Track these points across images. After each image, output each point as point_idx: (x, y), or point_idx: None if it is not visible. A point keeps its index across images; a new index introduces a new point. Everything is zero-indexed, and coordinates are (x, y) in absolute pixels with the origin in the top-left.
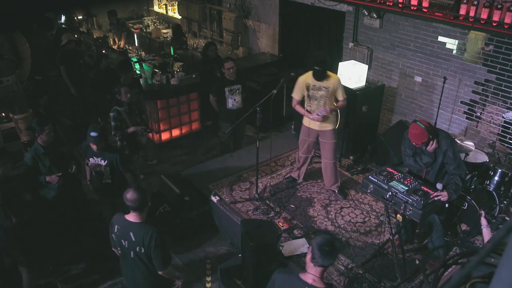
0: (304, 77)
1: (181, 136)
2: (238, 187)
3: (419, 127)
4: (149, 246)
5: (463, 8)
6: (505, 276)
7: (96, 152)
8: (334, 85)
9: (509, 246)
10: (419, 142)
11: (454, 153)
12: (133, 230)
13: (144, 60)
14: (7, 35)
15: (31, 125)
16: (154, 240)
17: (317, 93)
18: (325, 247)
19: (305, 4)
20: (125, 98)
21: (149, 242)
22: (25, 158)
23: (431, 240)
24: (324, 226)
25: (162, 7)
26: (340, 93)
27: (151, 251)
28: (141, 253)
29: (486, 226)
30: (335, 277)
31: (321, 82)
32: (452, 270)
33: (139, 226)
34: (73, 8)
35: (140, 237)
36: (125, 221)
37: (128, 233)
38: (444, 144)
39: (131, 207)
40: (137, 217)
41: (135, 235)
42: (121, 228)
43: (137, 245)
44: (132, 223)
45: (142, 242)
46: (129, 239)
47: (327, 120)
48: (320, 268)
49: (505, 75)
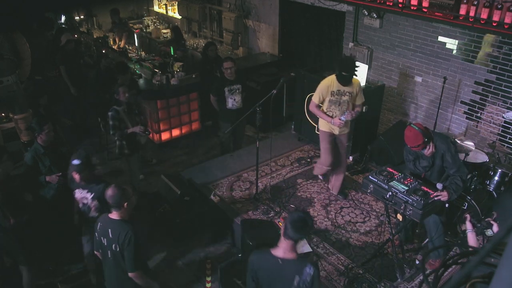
0: (327, 82)
1: (181, 136)
2: (238, 187)
3: (414, 130)
4: (123, 244)
5: (463, 8)
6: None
7: (82, 183)
8: (356, 90)
9: (509, 246)
10: (413, 144)
11: (452, 156)
12: (111, 226)
13: (144, 60)
14: (7, 35)
15: (30, 125)
16: (128, 238)
17: (340, 98)
18: (297, 222)
19: (305, 4)
20: (123, 98)
21: (123, 240)
22: (25, 158)
23: (431, 240)
24: (324, 226)
25: (162, 7)
26: (361, 96)
27: (124, 249)
28: (117, 251)
29: (471, 231)
30: (335, 277)
31: (345, 87)
32: (452, 270)
33: (118, 223)
34: (74, 8)
35: (116, 234)
36: (106, 218)
37: (107, 230)
38: (441, 147)
39: (110, 204)
40: (116, 214)
41: (112, 231)
42: (102, 225)
43: (113, 242)
44: (111, 220)
45: (117, 239)
46: (107, 236)
47: (347, 124)
48: (290, 241)
49: (505, 75)
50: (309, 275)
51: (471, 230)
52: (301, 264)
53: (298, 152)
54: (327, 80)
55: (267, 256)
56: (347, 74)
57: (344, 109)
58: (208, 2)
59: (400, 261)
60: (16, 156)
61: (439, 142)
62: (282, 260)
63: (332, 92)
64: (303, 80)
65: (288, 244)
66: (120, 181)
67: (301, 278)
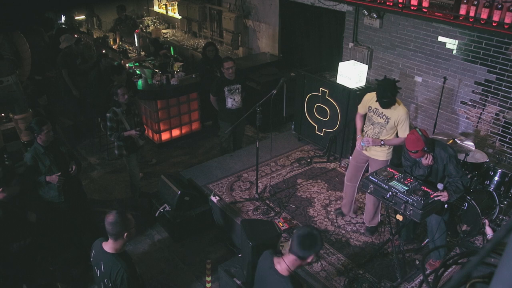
0: (370, 96)
1: (181, 136)
2: (238, 187)
3: (417, 134)
4: (115, 282)
5: (463, 8)
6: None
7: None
8: (397, 118)
9: (509, 246)
10: (412, 149)
11: (455, 167)
12: (104, 260)
13: (144, 60)
14: (7, 35)
15: (30, 125)
16: (120, 277)
17: (375, 119)
18: (305, 239)
19: (305, 4)
20: (122, 99)
21: (115, 278)
22: (25, 158)
23: (433, 240)
24: (324, 226)
25: (162, 7)
26: (402, 128)
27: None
28: (108, 286)
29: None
30: (335, 277)
31: (384, 109)
32: (452, 270)
33: (110, 258)
34: (74, 8)
35: (108, 270)
36: (100, 248)
37: (100, 262)
38: (443, 156)
39: (107, 232)
40: (111, 246)
41: (105, 265)
42: (96, 254)
43: (105, 277)
44: (104, 252)
45: (109, 276)
46: (100, 268)
47: (376, 149)
48: (293, 256)
49: (505, 75)
50: None
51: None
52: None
53: (298, 152)
54: (371, 94)
55: (268, 258)
56: (386, 100)
57: (376, 131)
58: (208, 2)
59: (400, 261)
60: (16, 156)
61: (442, 152)
62: (273, 269)
63: (370, 108)
64: (303, 80)
65: (289, 260)
66: (120, 181)
67: None
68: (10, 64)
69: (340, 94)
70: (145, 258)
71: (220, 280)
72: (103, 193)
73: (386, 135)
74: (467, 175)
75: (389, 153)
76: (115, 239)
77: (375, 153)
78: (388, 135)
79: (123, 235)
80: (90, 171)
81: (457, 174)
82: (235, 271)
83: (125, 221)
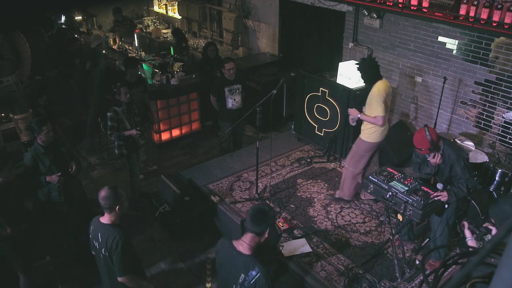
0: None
1: (181, 136)
2: (238, 187)
3: (423, 133)
4: (111, 249)
5: (463, 8)
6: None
7: None
8: (370, 96)
9: (509, 246)
10: (417, 146)
11: (461, 169)
12: (101, 231)
13: (144, 60)
14: (7, 35)
15: (29, 125)
16: (116, 243)
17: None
18: (256, 214)
19: (305, 4)
20: (124, 98)
21: (111, 245)
22: (25, 158)
23: (434, 240)
24: (324, 226)
25: (162, 7)
26: (372, 108)
27: (112, 254)
28: (106, 256)
29: (471, 239)
30: (335, 277)
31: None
32: (452, 270)
33: (107, 227)
34: (73, 8)
35: (105, 239)
36: (97, 222)
37: (98, 233)
38: (451, 157)
39: (102, 206)
40: (107, 218)
41: (102, 236)
42: (94, 228)
43: (103, 246)
44: (101, 224)
45: (105, 244)
46: (98, 240)
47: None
48: (250, 234)
49: (505, 75)
50: (253, 278)
51: (470, 238)
52: (250, 264)
53: (298, 152)
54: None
55: (227, 245)
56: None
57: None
58: (208, 2)
59: (400, 261)
60: (16, 156)
61: (450, 152)
62: (236, 252)
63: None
64: (303, 80)
65: (248, 238)
66: (120, 181)
67: (245, 278)
68: (10, 64)
69: (340, 94)
70: (145, 258)
71: None
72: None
73: (366, 112)
74: (474, 178)
75: (370, 135)
76: (109, 212)
77: (361, 132)
78: (368, 113)
79: (115, 207)
80: (90, 171)
81: (462, 176)
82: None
83: (116, 194)
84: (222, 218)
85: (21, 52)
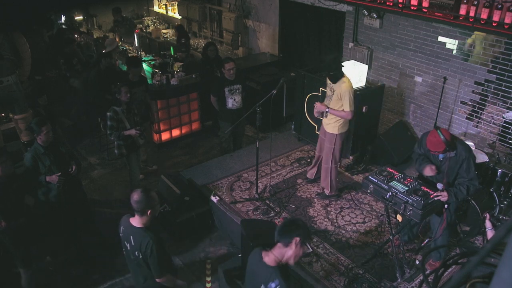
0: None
1: (181, 136)
2: (238, 187)
3: (438, 137)
4: (145, 253)
5: (463, 8)
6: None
7: None
8: (339, 92)
9: (509, 246)
10: (434, 150)
11: (469, 166)
12: (133, 234)
13: (144, 60)
14: (7, 35)
15: (29, 125)
16: (150, 248)
17: (327, 91)
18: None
19: (305, 4)
20: (125, 98)
21: (145, 249)
22: (25, 158)
23: (434, 240)
24: (324, 226)
25: (162, 7)
26: (344, 102)
27: (147, 258)
28: (139, 258)
29: (491, 229)
30: (335, 277)
31: (333, 84)
32: (452, 270)
33: (139, 231)
34: (74, 8)
35: (138, 243)
36: (128, 224)
37: (129, 236)
38: (462, 154)
39: (133, 209)
40: (138, 221)
41: (134, 240)
42: (125, 230)
43: (136, 249)
44: (133, 227)
45: (139, 248)
46: (130, 242)
47: (327, 120)
48: (277, 244)
49: (505, 75)
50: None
51: (490, 228)
52: (271, 276)
53: (298, 152)
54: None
55: (258, 252)
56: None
57: (327, 102)
58: (208, 2)
59: (400, 261)
60: (16, 156)
61: (462, 150)
62: (262, 262)
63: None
64: (303, 80)
65: (276, 249)
66: (120, 181)
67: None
68: (10, 64)
69: None
70: None
71: (220, 280)
72: (103, 193)
73: (332, 106)
74: (477, 181)
75: (338, 127)
76: (140, 215)
77: (326, 126)
78: (335, 107)
79: (147, 212)
80: (90, 171)
81: (466, 176)
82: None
83: (149, 198)
84: (222, 218)
85: (21, 52)
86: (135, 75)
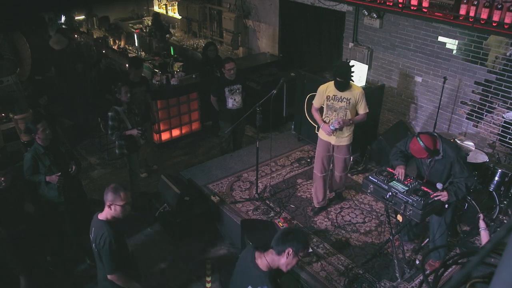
0: (324, 87)
1: (181, 136)
2: (238, 187)
3: (418, 144)
4: (99, 246)
5: (463, 8)
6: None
7: None
8: (356, 97)
9: (509, 246)
10: (418, 156)
11: (461, 167)
12: (94, 226)
13: (144, 60)
14: (7, 35)
15: (26, 126)
16: (104, 240)
17: (337, 104)
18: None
19: (305, 4)
20: (125, 98)
21: (99, 241)
22: (25, 158)
23: (433, 240)
24: (324, 226)
25: (162, 7)
26: (362, 106)
27: (100, 250)
28: (96, 251)
29: (484, 229)
30: (335, 277)
31: (342, 92)
32: (452, 270)
33: (99, 223)
34: (74, 8)
35: (95, 235)
36: (95, 217)
37: (92, 228)
38: (450, 155)
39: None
40: (102, 213)
41: (94, 232)
42: (92, 224)
43: (93, 242)
44: (96, 219)
45: (95, 240)
46: (91, 234)
47: (343, 134)
48: (271, 250)
49: (505, 75)
50: None
51: (484, 228)
52: (261, 281)
53: (298, 152)
54: (325, 85)
55: (250, 252)
56: (342, 80)
57: (341, 115)
58: (208, 2)
59: (400, 261)
60: (16, 156)
61: (450, 151)
62: (254, 263)
63: (328, 97)
64: (303, 80)
65: (268, 254)
66: (120, 181)
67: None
68: (10, 64)
69: None
70: (145, 258)
71: (220, 280)
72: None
73: (350, 116)
74: (474, 177)
75: (352, 136)
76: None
77: (341, 140)
78: (352, 115)
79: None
80: (90, 171)
81: (461, 175)
82: None
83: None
84: (222, 218)
85: (21, 52)
86: (136, 76)
